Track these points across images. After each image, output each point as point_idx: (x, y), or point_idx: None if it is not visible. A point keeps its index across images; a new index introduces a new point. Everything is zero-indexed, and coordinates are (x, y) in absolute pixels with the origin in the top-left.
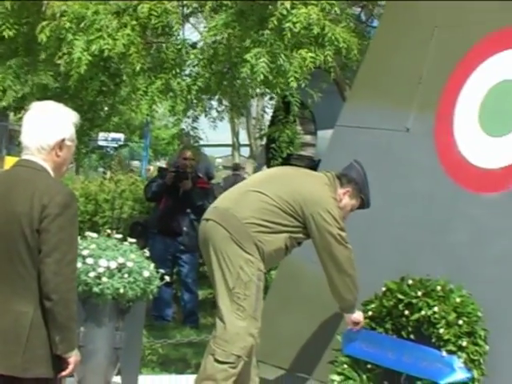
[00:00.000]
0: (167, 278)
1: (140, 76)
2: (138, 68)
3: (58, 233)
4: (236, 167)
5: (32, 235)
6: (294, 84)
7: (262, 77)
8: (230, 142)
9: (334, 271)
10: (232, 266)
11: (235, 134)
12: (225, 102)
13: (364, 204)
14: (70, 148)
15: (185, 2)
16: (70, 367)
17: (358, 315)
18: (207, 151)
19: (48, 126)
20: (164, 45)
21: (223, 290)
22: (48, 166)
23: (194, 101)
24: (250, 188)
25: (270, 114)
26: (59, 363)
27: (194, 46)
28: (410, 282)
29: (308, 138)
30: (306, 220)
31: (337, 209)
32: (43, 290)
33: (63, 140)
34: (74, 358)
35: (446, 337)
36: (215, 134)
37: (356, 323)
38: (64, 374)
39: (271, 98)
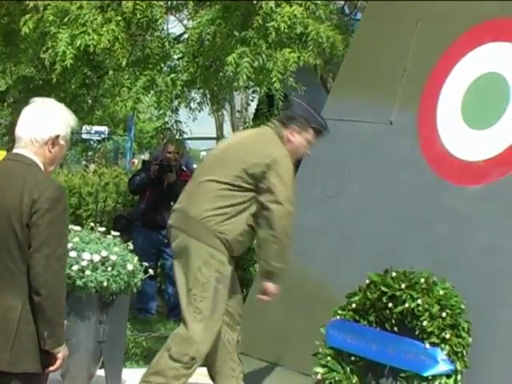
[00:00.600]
0: (151, 271)
1: (125, 71)
2: (124, 63)
3: (48, 227)
4: None
5: (22, 230)
6: (277, 85)
7: (244, 77)
8: (215, 135)
9: (270, 235)
10: (191, 267)
11: (219, 127)
12: (206, 94)
13: (320, 131)
14: (62, 147)
15: None
16: (58, 362)
17: (275, 287)
18: (191, 144)
19: (45, 120)
20: (148, 38)
21: (183, 291)
22: (38, 160)
23: (179, 94)
24: (200, 178)
25: (254, 106)
26: (47, 358)
27: (177, 39)
28: (394, 274)
29: None
30: (257, 184)
31: (285, 169)
32: (32, 285)
33: (57, 137)
34: (62, 353)
35: (430, 329)
36: (199, 127)
37: (266, 294)
38: (52, 369)
39: (254, 91)
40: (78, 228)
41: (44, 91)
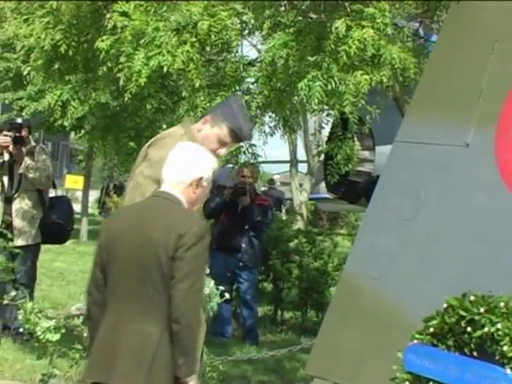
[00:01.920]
0: (227, 295)
1: (200, 93)
2: (197, 84)
3: (192, 261)
4: (271, 182)
5: (167, 262)
6: (348, 108)
7: (316, 101)
8: (288, 159)
9: None
10: None
11: (293, 150)
12: (279, 119)
13: (235, 133)
14: (204, 189)
15: (244, 18)
16: None
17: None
18: (265, 167)
19: (190, 164)
20: (223, 61)
21: None
22: (183, 199)
23: (253, 116)
24: None
25: (328, 129)
26: None
27: (252, 63)
28: (472, 298)
29: (366, 154)
30: None
31: (163, 144)
32: (173, 314)
33: (201, 179)
34: (193, 382)
35: (510, 354)
36: (273, 151)
37: None
38: None
39: (328, 114)
40: None
41: (120, 117)
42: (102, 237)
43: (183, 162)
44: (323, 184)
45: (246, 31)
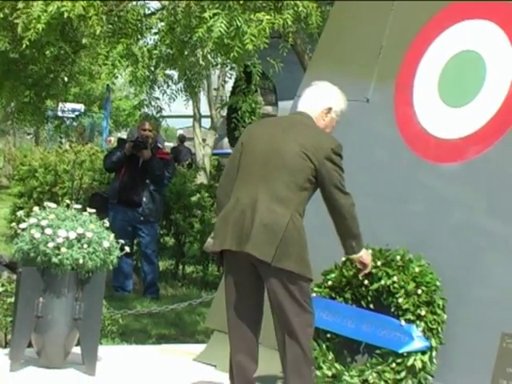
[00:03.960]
0: (127, 249)
1: (101, 41)
2: (98, 31)
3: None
4: (182, 138)
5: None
6: (250, 46)
7: (218, 34)
8: (191, 113)
9: None
10: None
11: (196, 105)
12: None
13: None
14: (332, 120)
15: None
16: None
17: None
18: (168, 122)
19: (321, 96)
20: (124, 10)
21: None
22: (317, 123)
23: (156, 70)
24: None
25: (231, 84)
26: (306, 266)
27: (154, 12)
28: (370, 251)
29: (269, 109)
30: None
31: None
32: (341, 210)
33: (329, 109)
34: (362, 253)
35: (405, 306)
36: (176, 105)
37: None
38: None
39: (232, 68)
40: (53, 205)
41: (18, 65)
42: (243, 136)
43: (313, 95)
44: (226, 139)
45: None
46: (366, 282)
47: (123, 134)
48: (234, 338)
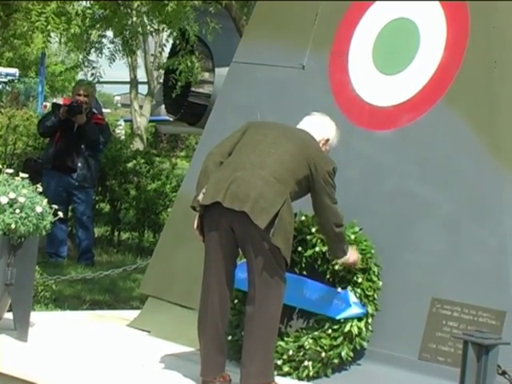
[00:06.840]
0: (61, 214)
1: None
2: None
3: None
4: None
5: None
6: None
7: None
8: (128, 79)
9: None
10: None
11: (133, 70)
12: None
13: None
14: (326, 150)
15: None
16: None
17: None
18: (105, 88)
19: (324, 126)
20: None
21: None
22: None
23: (90, 31)
24: None
25: (168, 51)
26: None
27: None
28: (303, 218)
29: (206, 75)
30: None
31: None
32: (333, 220)
33: (327, 140)
34: (351, 252)
35: (342, 273)
36: (113, 71)
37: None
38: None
39: (171, 34)
40: None
41: None
42: (247, 123)
43: (322, 124)
44: (163, 106)
45: None
46: (299, 248)
47: (59, 100)
48: (212, 284)
